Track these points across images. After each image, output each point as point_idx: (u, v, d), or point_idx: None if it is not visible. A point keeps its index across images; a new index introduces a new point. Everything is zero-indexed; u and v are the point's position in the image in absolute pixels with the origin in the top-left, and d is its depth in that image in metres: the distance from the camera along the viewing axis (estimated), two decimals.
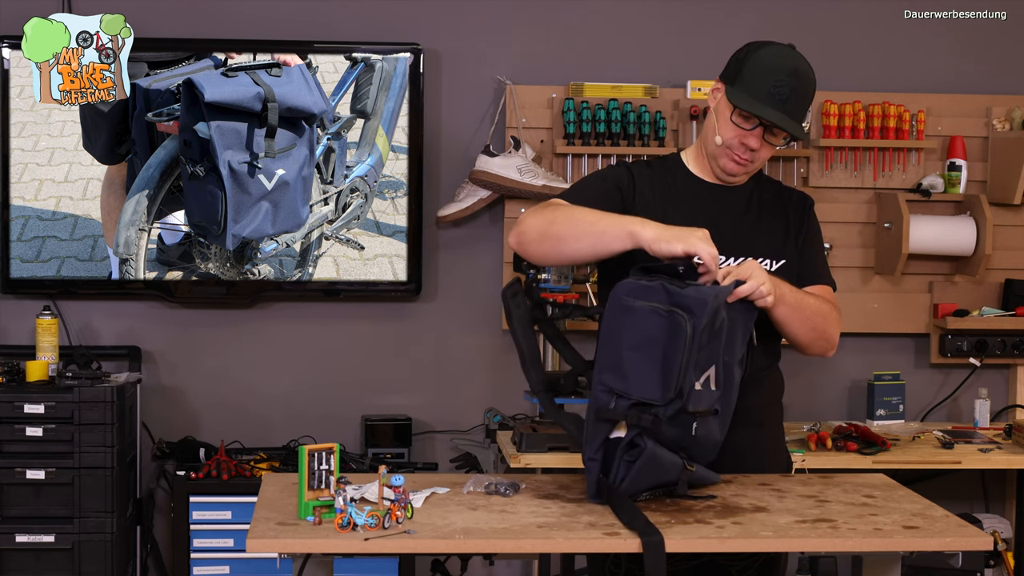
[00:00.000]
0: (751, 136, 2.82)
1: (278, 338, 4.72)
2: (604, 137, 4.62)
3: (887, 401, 4.70)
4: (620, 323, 2.58)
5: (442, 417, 4.77)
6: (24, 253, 4.53)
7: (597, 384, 2.59)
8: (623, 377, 2.57)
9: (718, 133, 2.85)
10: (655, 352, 2.55)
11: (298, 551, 2.42)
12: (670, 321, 2.55)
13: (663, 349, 2.55)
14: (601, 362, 2.60)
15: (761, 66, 2.79)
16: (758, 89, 2.78)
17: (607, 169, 2.97)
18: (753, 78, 2.79)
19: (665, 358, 2.55)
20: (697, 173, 2.95)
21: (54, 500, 4.20)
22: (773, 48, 2.83)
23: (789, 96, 2.78)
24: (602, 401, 2.59)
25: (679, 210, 2.88)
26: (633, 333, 2.57)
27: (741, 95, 2.79)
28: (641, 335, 2.56)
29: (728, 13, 4.72)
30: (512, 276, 4.63)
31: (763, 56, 2.81)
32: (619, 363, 2.57)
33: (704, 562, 2.64)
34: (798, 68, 2.80)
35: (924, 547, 2.50)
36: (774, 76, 2.77)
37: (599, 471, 2.61)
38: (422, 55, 4.59)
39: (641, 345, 2.56)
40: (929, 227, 4.67)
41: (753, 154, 2.85)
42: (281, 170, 4.44)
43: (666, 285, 2.57)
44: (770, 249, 2.90)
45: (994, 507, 4.87)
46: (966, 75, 4.86)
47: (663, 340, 2.55)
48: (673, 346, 2.55)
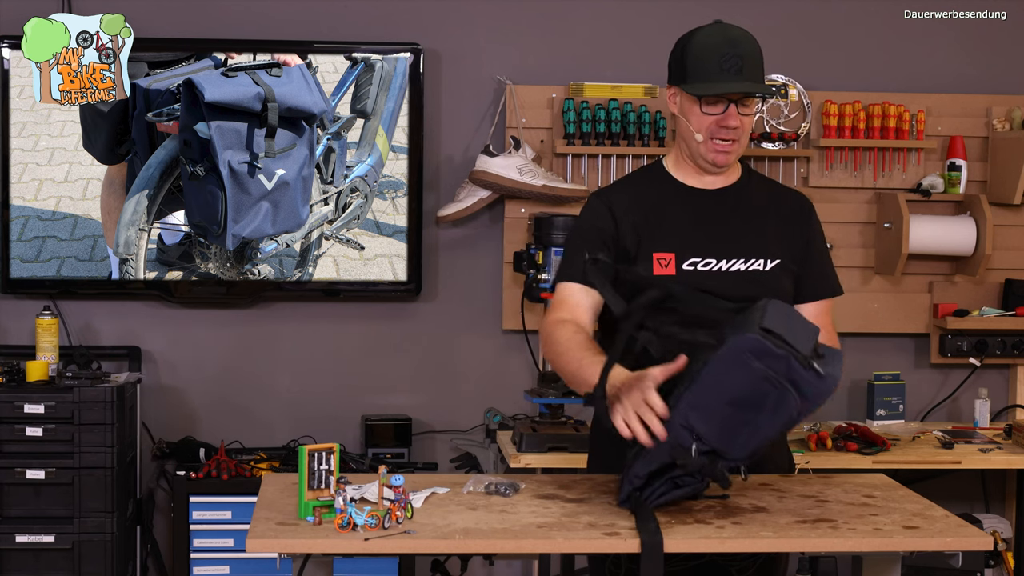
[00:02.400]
0: (727, 117, 2.83)
1: (278, 338, 4.72)
2: (604, 137, 4.62)
3: (887, 401, 4.70)
4: (731, 376, 2.46)
5: (442, 417, 4.77)
6: (24, 253, 4.53)
7: (680, 416, 2.49)
8: (712, 426, 2.48)
9: (695, 131, 2.86)
10: (752, 416, 2.48)
11: (298, 551, 2.42)
12: (781, 397, 2.47)
13: (761, 418, 2.49)
14: (692, 399, 2.48)
15: (701, 51, 2.82)
16: (710, 71, 2.80)
17: (586, 219, 2.94)
18: (700, 65, 2.81)
19: (760, 426, 2.50)
20: (681, 179, 2.95)
21: (54, 500, 4.20)
22: (703, 31, 2.86)
23: (741, 64, 2.80)
24: (682, 438, 2.49)
25: (666, 219, 2.88)
26: (741, 391, 2.47)
27: (698, 85, 2.81)
28: (748, 398, 2.47)
29: (728, 13, 4.69)
30: (512, 276, 4.63)
31: (698, 41, 2.84)
32: (712, 411, 2.48)
33: (704, 562, 2.64)
34: (735, 37, 2.83)
35: (924, 547, 2.50)
36: (717, 53, 2.80)
37: (636, 487, 2.59)
38: (422, 55, 4.59)
39: (743, 405, 2.48)
40: (929, 227, 4.67)
41: (735, 131, 2.85)
42: (281, 170, 4.44)
43: (792, 362, 2.46)
44: (763, 249, 2.90)
45: (994, 507, 4.87)
46: (966, 75, 4.86)
47: (767, 409, 2.48)
48: (771, 419, 2.49)
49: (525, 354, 4.71)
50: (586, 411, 3.15)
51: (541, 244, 4.27)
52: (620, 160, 4.65)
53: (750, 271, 2.86)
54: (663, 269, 2.84)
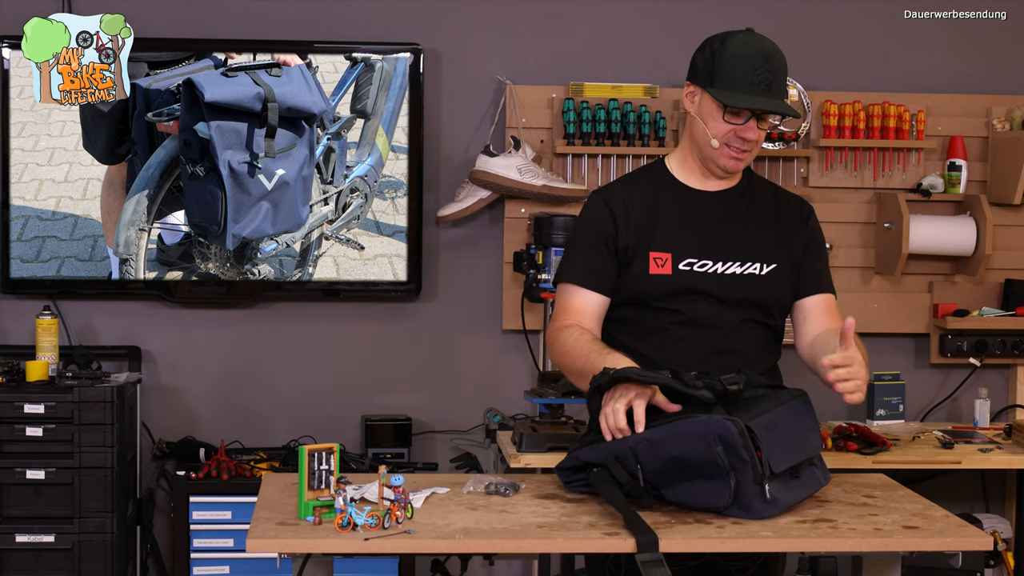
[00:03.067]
0: (747, 129, 2.83)
1: (278, 338, 4.72)
2: (604, 137, 4.62)
3: (887, 401, 4.70)
4: (692, 442, 2.55)
5: (442, 417, 4.77)
6: (24, 253, 4.53)
7: (634, 441, 2.59)
8: (654, 464, 2.57)
9: (712, 136, 2.85)
10: (690, 477, 2.57)
11: (298, 551, 2.42)
12: (722, 484, 2.55)
13: (697, 485, 2.57)
14: (652, 436, 2.58)
15: (735, 59, 2.81)
16: (741, 82, 2.80)
17: (587, 218, 2.96)
18: (732, 73, 2.80)
19: (694, 490, 2.58)
20: (683, 179, 2.95)
21: (54, 500, 4.20)
22: (737, 38, 2.85)
23: (772, 80, 2.80)
24: (626, 458, 2.60)
25: (665, 219, 2.88)
26: (693, 456, 2.56)
27: (727, 93, 2.80)
28: (696, 465, 2.56)
29: (728, 13, 4.72)
30: (512, 276, 4.63)
31: (732, 48, 2.82)
32: (661, 454, 2.57)
33: (704, 562, 2.64)
34: (769, 51, 2.83)
35: (924, 547, 2.50)
36: (751, 65, 2.80)
37: (568, 466, 2.71)
38: (422, 55, 4.59)
39: (689, 466, 2.57)
40: (929, 227, 4.67)
41: (751, 144, 2.86)
42: (281, 170, 4.44)
43: (747, 471, 2.54)
44: (760, 253, 2.90)
45: (994, 507, 4.87)
46: (966, 75, 4.86)
47: (706, 479, 2.56)
48: (706, 491, 2.57)
49: (525, 354, 4.72)
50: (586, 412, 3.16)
51: (541, 244, 4.26)
52: (620, 160, 4.65)
53: (746, 275, 2.87)
54: (659, 268, 2.85)
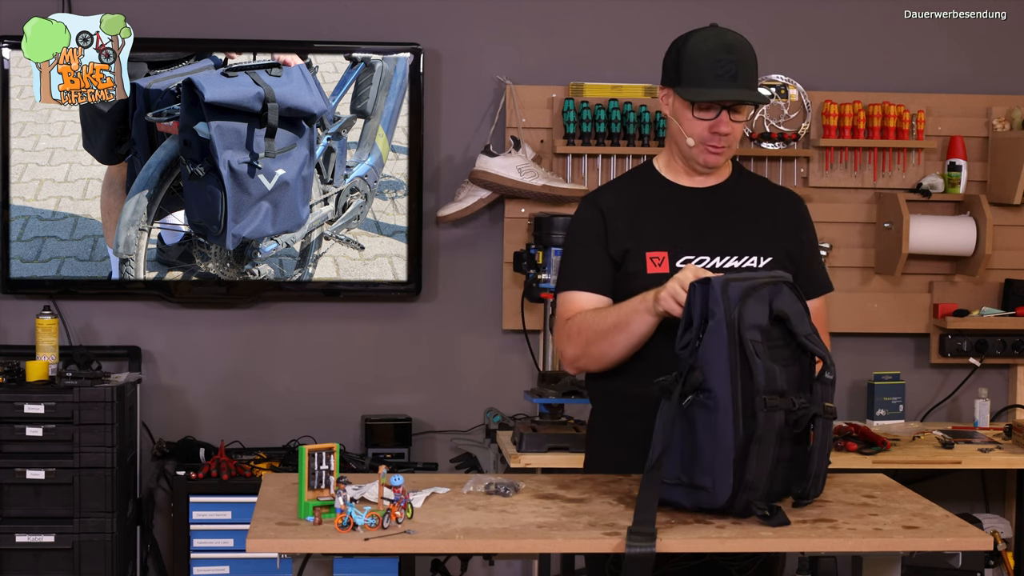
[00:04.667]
0: (719, 123, 2.84)
1: (278, 338, 4.72)
2: (604, 137, 4.62)
3: (887, 401, 4.70)
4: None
5: (442, 417, 4.77)
6: (24, 253, 4.53)
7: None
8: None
9: (687, 135, 2.86)
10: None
11: (298, 551, 2.42)
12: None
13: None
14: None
15: (696, 55, 2.82)
16: (705, 77, 2.80)
17: (578, 223, 2.97)
18: (695, 70, 2.81)
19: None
20: (671, 178, 2.96)
21: (54, 500, 4.20)
22: (699, 35, 2.86)
23: (736, 71, 2.80)
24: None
25: (658, 218, 2.89)
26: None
27: (692, 90, 2.82)
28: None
29: (728, 13, 4.69)
30: (512, 276, 4.63)
31: (693, 45, 2.84)
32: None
33: (704, 562, 2.64)
34: (731, 43, 2.83)
35: (924, 547, 2.50)
36: (713, 58, 2.80)
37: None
38: (422, 55, 4.59)
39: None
40: (929, 227, 4.67)
41: (726, 138, 2.86)
42: (281, 170, 4.44)
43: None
44: (756, 246, 2.90)
45: (994, 507, 4.87)
46: (966, 75, 4.86)
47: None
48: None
49: (525, 354, 4.71)
50: (586, 411, 3.15)
51: (541, 244, 4.27)
52: (620, 160, 4.65)
53: (744, 268, 2.87)
54: (657, 268, 2.85)
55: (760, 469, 2.49)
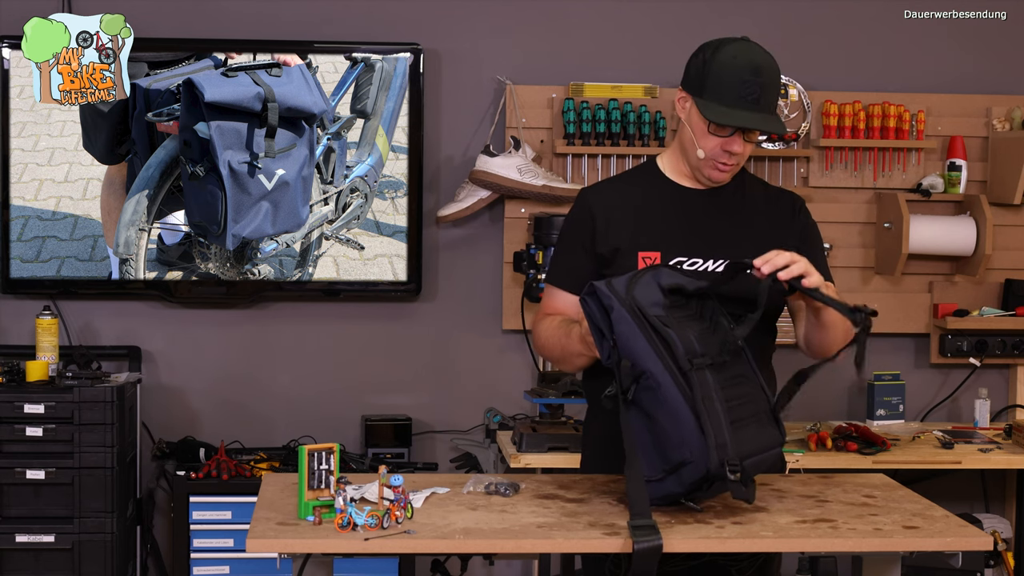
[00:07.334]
0: (732, 142, 2.82)
1: (278, 338, 4.72)
2: (604, 137, 4.62)
3: (887, 401, 4.70)
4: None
5: (442, 417, 4.77)
6: (24, 253, 4.53)
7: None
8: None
9: (699, 147, 2.84)
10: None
11: (298, 551, 2.43)
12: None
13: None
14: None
15: (724, 71, 2.77)
16: (727, 96, 2.77)
17: (570, 219, 2.99)
18: (720, 86, 2.77)
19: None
20: (674, 178, 2.95)
21: (54, 500, 4.20)
22: (729, 48, 2.80)
23: (759, 95, 2.77)
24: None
25: (654, 217, 2.88)
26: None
27: (712, 106, 2.78)
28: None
29: (728, 13, 4.72)
30: (512, 276, 4.64)
31: (722, 59, 2.78)
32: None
33: (704, 562, 2.64)
34: (760, 64, 2.78)
35: (924, 547, 2.50)
36: (739, 78, 2.76)
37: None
38: (422, 55, 4.59)
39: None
40: (929, 227, 4.67)
41: (736, 157, 2.85)
42: (281, 170, 4.45)
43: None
44: (749, 251, 2.89)
45: (994, 507, 4.87)
46: (966, 75, 4.86)
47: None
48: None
49: (525, 354, 4.72)
50: (585, 412, 3.16)
51: (541, 244, 4.27)
52: (620, 160, 4.65)
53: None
54: None
55: (718, 425, 2.51)
